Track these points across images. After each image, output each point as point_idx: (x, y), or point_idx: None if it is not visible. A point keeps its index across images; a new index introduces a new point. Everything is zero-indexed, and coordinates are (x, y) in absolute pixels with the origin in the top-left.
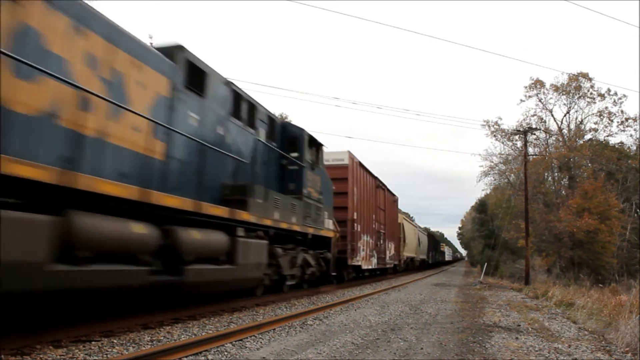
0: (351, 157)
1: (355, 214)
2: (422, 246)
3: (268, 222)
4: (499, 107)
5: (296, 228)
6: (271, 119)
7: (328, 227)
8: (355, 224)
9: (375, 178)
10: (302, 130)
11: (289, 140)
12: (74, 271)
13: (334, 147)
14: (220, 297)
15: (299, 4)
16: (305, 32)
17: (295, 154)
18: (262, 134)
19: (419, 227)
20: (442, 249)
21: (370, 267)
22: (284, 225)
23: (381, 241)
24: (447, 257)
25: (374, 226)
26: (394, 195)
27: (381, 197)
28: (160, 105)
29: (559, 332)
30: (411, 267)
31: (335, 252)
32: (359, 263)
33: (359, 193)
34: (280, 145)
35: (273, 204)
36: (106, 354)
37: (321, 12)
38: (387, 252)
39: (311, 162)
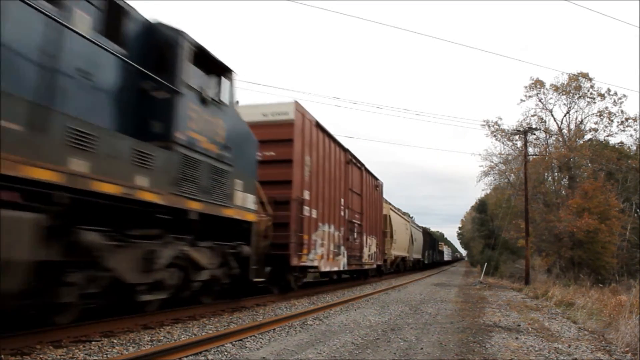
0: (301, 110)
1: (306, 193)
2: (416, 244)
3: (44, 175)
4: (499, 107)
5: (149, 197)
6: (112, 3)
7: (244, 205)
8: (307, 208)
9: (346, 151)
10: (178, 34)
11: (159, 52)
12: None
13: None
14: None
15: (299, 4)
16: (305, 32)
17: (165, 75)
18: (81, 22)
19: (413, 221)
20: (440, 248)
21: (335, 268)
22: (107, 189)
23: (355, 235)
24: (447, 257)
25: (342, 214)
26: (376, 179)
27: (355, 177)
28: None
29: (559, 332)
30: (402, 268)
31: (264, 246)
32: (314, 263)
33: (316, 165)
34: (138, 57)
35: (69, 140)
36: (106, 354)
37: (321, 12)
38: (366, 250)
39: (199, 90)
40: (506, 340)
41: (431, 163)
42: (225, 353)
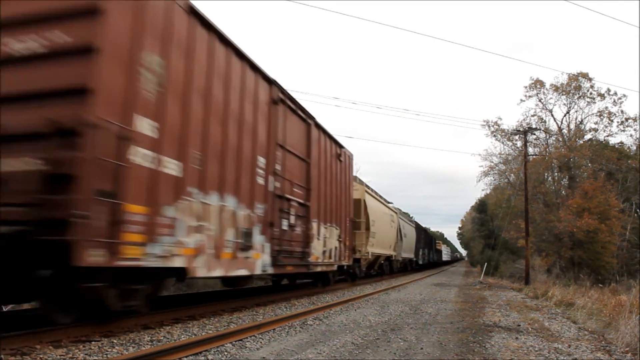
0: None
1: (144, 121)
2: (407, 241)
3: None
4: (499, 107)
5: None
6: None
7: None
8: (146, 152)
9: (273, 83)
10: None
11: None
12: None
13: None
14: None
15: (299, 4)
16: (305, 32)
17: None
18: None
19: (403, 214)
20: (438, 246)
21: (243, 271)
22: None
23: (293, 220)
24: (445, 257)
25: (262, 182)
26: (340, 146)
27: (294, 130)
28: None
29: (559, 332)
30: (387, 270)
31: None
32: (173, 262)
33: (183, 77)
34: None
35: None
36: (106, 354)
37: (321, 12)
38: (317, 244)
39: None
40: (506, 340)
41: (431, 163)
42: (225, 353)
